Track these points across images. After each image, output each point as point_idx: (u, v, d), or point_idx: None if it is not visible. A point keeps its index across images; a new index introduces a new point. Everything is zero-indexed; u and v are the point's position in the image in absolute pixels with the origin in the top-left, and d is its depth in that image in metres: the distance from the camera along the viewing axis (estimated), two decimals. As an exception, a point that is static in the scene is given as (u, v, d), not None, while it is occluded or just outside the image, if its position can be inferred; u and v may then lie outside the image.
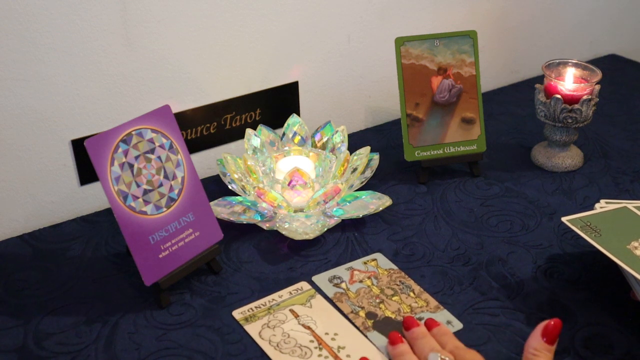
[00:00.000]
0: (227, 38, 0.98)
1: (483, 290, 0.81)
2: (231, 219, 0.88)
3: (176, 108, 0.97)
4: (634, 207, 0.83)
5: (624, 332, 0.75)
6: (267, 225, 0.89)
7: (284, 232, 0.86)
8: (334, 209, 0.91)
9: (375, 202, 0.91)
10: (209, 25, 0.96)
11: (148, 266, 0.76)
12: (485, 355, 0.71)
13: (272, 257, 0.86)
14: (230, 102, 1.03)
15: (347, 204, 0.92)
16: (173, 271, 0.78)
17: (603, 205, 0.84)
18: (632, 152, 1.09)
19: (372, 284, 0.81)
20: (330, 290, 0.80)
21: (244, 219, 0.88)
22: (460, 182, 1.02)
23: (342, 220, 0.91)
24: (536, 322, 0.75)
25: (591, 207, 0.87)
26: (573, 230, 0.79)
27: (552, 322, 0.64)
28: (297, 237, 0.85)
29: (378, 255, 0.86)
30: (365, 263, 0.85)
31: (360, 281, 0.82)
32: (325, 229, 0.87)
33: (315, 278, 0.82)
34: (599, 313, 0.77)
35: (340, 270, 0.84)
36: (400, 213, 0.94)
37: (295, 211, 0.91)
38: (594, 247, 0.75)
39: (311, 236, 0.85)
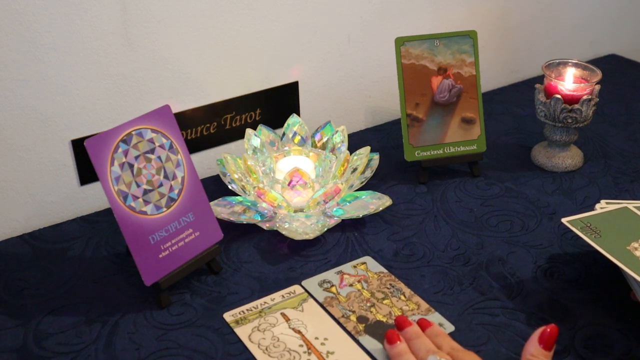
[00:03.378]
0: (227, 38, 0.98)
1: (483, 290, 0.81)
2: (231, 219, 0.88)
3: (176, 108, 0.97)
4: (634, 207, 0.83)
5: (624, 332, 0.75)
6: (267, 225, 0.89)
7: (284, 232, 0.86)
8: (334, 209, 0.91)
9: (375, 202, 0.91)
10: (209, 25, 0.96)
11: (148, 266, 0.76)
12: (485, 355, 0.71)
13: (272, 257, 0.86)
14: (230, 102, 1.03)
15: (347, 204, 0.92)
16: (173, 271, 0.78)
17: (603, 206, 0.84)
18: (632, 152, 1.09)
19: (363, 288, 0.81)
20: (320, 295, 0.80)
21: (244, 219, 0.88)
22: (460, 182, 1.01)
23: (342, 220, 0.91)
24: (536, 322, 0.75)
25: (591, 207, 0.87)
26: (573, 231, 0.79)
27: (549, 329, 0.65)
28: (297, 237, 0.85)
29: (367, 259, 0.86)
30: (354, 267, 0.84)
31: (350, 285, 0.81)
32: (325, 229, 0.87)
33: (305, 282, 0.82)
34: (599, 313, 0.77)
35: (330, 274, 0.83)
36: (400, 213, 0.94)
37: (295, 211, 0.91)
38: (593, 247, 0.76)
39: (311, 236, 0.85)
